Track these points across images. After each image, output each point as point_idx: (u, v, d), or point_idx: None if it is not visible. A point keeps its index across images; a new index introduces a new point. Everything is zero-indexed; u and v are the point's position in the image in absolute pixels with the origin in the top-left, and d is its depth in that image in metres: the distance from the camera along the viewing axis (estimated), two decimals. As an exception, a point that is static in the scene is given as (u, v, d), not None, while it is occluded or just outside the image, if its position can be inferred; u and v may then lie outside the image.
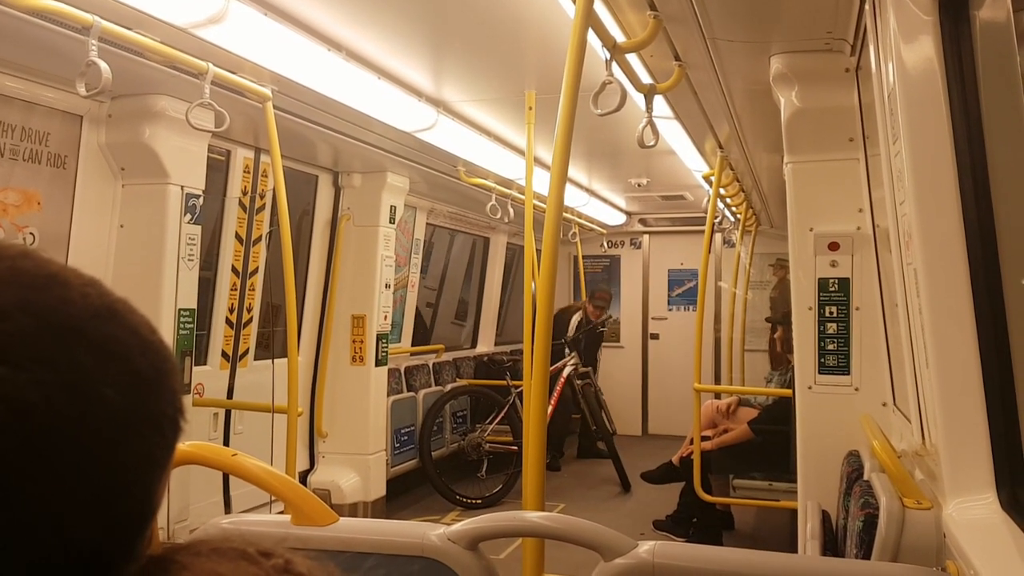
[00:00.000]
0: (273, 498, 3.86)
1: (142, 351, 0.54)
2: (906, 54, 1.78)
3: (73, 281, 0.53)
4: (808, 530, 2.61)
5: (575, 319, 8.03)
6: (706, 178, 5.64)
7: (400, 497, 6.19)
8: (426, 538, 1.54)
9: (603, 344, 8.87)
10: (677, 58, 3.08)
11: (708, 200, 5.21)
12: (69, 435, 0.48)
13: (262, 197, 4.92)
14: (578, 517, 1.61)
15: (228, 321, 4.82)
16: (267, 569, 0.51)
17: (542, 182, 4.96)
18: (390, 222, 5.73)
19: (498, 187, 5.84)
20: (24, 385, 0.46)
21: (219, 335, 4.77)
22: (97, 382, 0.50)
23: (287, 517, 1.63)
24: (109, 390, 0.50)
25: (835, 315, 3.16)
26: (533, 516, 1.76)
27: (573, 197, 7.14)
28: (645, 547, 1.45)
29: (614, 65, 2.55)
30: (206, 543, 0.54)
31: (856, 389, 3.11)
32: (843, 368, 3.14)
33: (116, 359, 0.51)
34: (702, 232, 5.17)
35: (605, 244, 9.56)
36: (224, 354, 4.82)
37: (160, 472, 0.54)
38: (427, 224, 6.84)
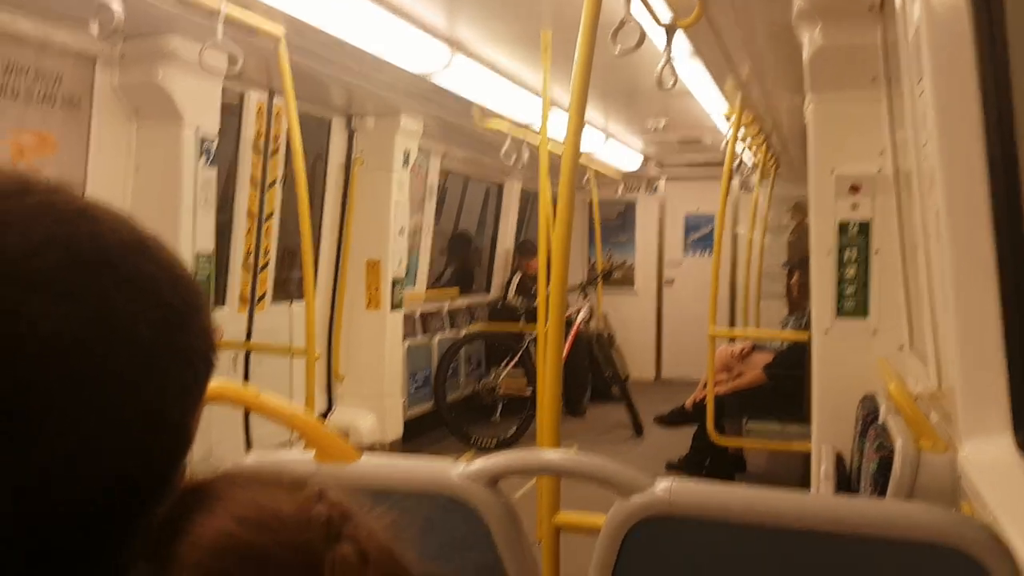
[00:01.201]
0: (293, 438, 3.93)
1: (172, 286, 0.54)
2: (934, -10, 1.73)
3: (103, 216, 0.53)
4: (822, 471, 2.64)
5: (514, 279, 7.82)
6: (726, 118, 5.54)
7: (415, 439, 6.29)
8: (446, 475, 1.56)
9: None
10: (698, -6, 3.00)
11: (726, 143, 5.14)
12: (100, 368, 0.48)
13: (276, 140, 4.89)
14: (594, 457, 1.63)
15: (245, 264, 4.84)
16: (301, 498, 0.52)
17: (558, 127, 4.88)
18: (404, 166, 5.70)
19: (513, 130, 5.77)
20: (54, 318, 0.47)
21: (236, 278, 4.80)
22: (127, 316, 0.50)
23: (310, 454, 1.66)
24: (140, 324, 0.50)
25: (855, 258, 3.13)
26: (551, 455, 1.78)
27: (589, 140, 7.04)
28: (662, 485, 1.46)
29: (633, 1, 2.49)
30: (240, 475, 0.55)
31: (874, 332, 3.11)
32: (861, 311, 3.13)
33: (146, 293, 0.52)
34: (719, 177, 5.10)
35: (621, 189, 9.45)
36: (242, 297, 4.85)
37: (193, 405, 0.55)
38: (440, 170, 6.79)
